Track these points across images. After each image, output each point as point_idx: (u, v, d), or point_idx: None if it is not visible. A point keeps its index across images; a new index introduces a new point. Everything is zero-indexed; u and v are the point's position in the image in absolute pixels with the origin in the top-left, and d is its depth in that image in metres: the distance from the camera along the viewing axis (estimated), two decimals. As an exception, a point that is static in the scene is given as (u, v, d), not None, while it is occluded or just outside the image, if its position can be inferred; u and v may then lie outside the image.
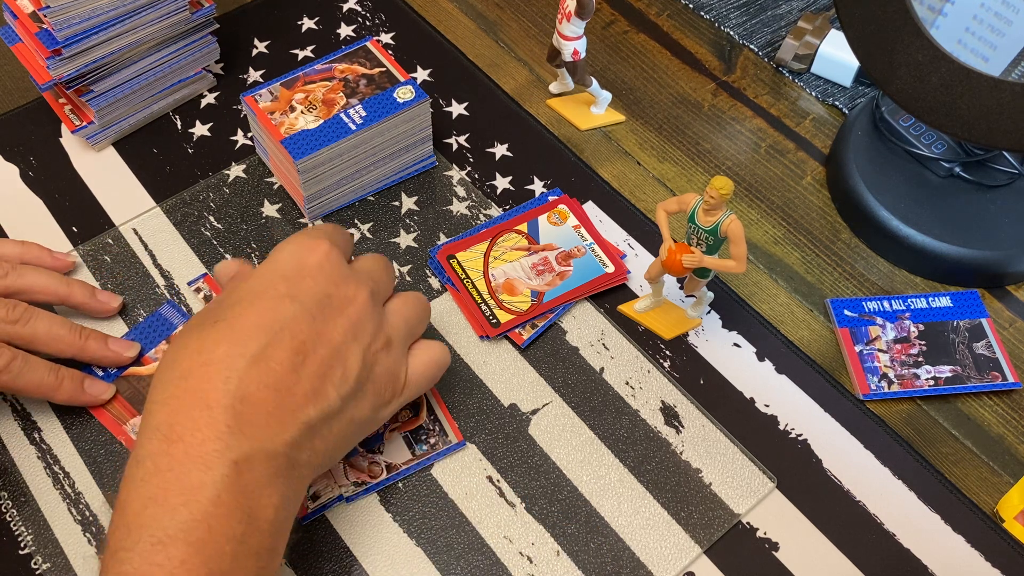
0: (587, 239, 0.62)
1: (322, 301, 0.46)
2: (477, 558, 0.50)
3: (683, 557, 0.50)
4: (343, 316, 0.46)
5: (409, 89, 0.63)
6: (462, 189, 0.66)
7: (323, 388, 0.44)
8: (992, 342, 0.59)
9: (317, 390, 0.44)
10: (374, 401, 0.47)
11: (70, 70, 0.62)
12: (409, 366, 0.50)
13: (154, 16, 0.63)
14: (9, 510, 0.52)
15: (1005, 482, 0.55)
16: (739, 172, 0.69)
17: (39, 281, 0.56)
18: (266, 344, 0.43)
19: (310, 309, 0.45)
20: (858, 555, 0.51)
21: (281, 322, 0.44)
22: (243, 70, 0.73)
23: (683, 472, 0.53)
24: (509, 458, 0.54)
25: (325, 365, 0.44)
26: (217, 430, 0.41)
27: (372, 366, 0.47)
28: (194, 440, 0.40)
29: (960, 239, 0.61)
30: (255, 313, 0.44)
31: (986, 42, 0.60)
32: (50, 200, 0.65)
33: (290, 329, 0.44)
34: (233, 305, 0.45)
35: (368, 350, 0.46)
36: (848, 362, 0.58)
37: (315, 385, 0.44)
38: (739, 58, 0.76)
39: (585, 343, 0.58)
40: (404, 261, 0.62)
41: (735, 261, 0.52)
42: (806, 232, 0.65)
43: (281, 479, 0.42)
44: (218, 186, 0.66)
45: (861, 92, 0.73)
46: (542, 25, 0.78)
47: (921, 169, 0.65)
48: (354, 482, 0.52)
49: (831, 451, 0.55)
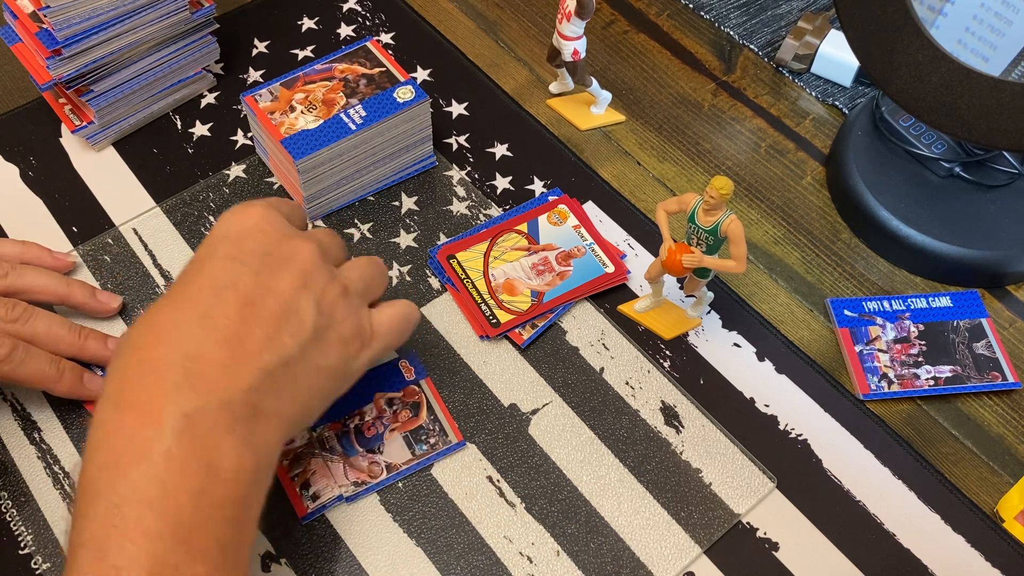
0: (587, 239, 0.62)
1: (264, 258, 0.45)
2: (477, 558, 0.50)
3: (683, 557, 0.51)
4: (289, 269, 0.46)
5: (409, 89, 0.63)
6: (462, 189, 0.66)
7: (278, 336, 0.44)
8: (992, 342, 0.59)
9: (271, 338, 0.44)
10: (341, 350, 0.47)
11: (70, 70, 0.62)
12: (374, 319, 0.49)
13: (154, 16, 0.63)
14: (9, 510, 0.52)
15: (1005, 482, 0.55)
16: (739, 172, 0.69)
17: (39, 281, 0.56)
18: (211, 304, 0.43)
19: (252, 266, 0.45)
20: (858, 555, 0.51)
21: (224, 281, 0.44)
22: (243, 70, 0.73)
23: (683, 472, 0.53)
24: (509, 458, 0.54)
25: (277, 315, 0.44)
26: (164, 389, 0.41)
27: (331, 314, 0.46)
28: (142, 402, 0.41)
29: (960, 239, 0.61)
30: (199, 277, 0.44)
31: (986, 42, 0.60)
32: (50, 200, 0.65)
33: (233, 286, 0.44)
34: (180, 277, 0.46)
35: (322, 298, 0.46)
36: (848, 362, 0.58)
37: (268, 333, 0.44)
38: (739, 58, 0.76)
39: (585, 343, 0.58)
40: (404, 261, 0.62)
41: (735, 261, 0.52)
42: (806, 232, 0.65)
43: (243, 427, 0.42)
44: (218, 186, 0.66)
45: (861, 92, 0.73)
46: (542, 25, 0.78)
47: (921, 169, 0.65)
48: (354, 482, 0.52)
49: (831, 451, 0.55)
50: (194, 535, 0.39)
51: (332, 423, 0.54)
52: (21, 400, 0.55)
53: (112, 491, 0.39)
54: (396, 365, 0.57)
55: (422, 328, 0.59)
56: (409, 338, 0.58)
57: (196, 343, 0.42)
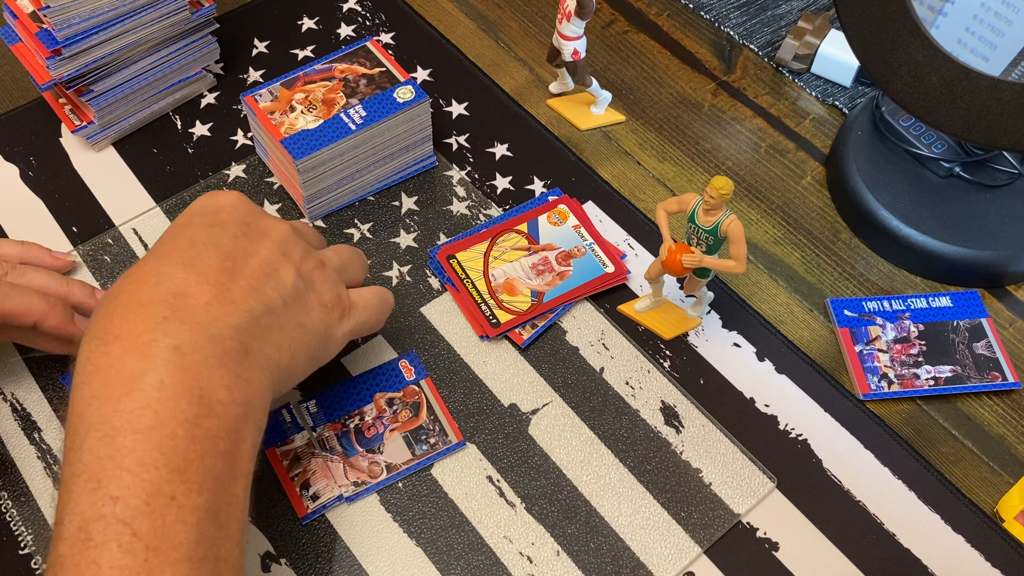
0: (587, 239, 0.62)
1: (242, 226, 0.46)
2: (477, 558, 0.50)
3: (683, 557, 0.50)
4: (266, 239, 0.47)
5: (409, 89, 0.63)
6: (462, 189, 0.66)
7: (261, 288, 0.44)
8: (992, 342, 0.59)
9: (255, 288, 0.44)
10: (322, 314, 0.47)
11: (70, 70, 0.62)
12: (352, 295, 0.50)
13: (154, 16, 0.63)
14: (9, 510, 0.52)
15: (1005, 482, 0.55)
16: (739, 172, 0.69)
17: (39, 280, 0.56)
18: (194, 255, 0.44)
19: (231, 230, 0.46)
20: (858, 555, 0.51)
21: (205, 240, 0.45)
22: (243, 70, 0.73)
23: (683, 472, 0.53)
24: (509, 458, 0.54)
25: (258, 272, 0.45)
26: (152, 321, 0.40)
27: (310, 280, 0.47)
28: (130, 335, 0.40)
29: (960, 239, 0.61)
30: (179, 239, 0.45)
31: (986, 42, 0.60)
32: (50, 200, 0.65)
33: (214, 243, 0.44)
34: (160, 240, 0.46)
35: (301, 266, 0.47)
36: (848, 362, 0.58)
37: (252, 284, 0.44)
38: (739, 58, 0.76)
39: (585, 343, 0.58)
40: (404, 261, 0.62)
41: (735, 261, 0.52)
42: (806, 232, 0.65)
43: (232, 361, 0.41)
44: (218, 186, 0.66)
45: (861, 92, 0.73)
46: (542, 25, 0.78)
47: (921, 169, 0.65)
48: (354, 482, 0.52)
49: (831, 451, 0.55)
50: (189, 465, 0.39)
51: (332, 423, 0.54)
52: (21, 400, 0.55)
53: (104, 422, 0.38)
54: (396, 365, 0.57)
55: (422, 328, 0.59)
56: (408, 338, 0.58)
57: (181, 283, 0.42)
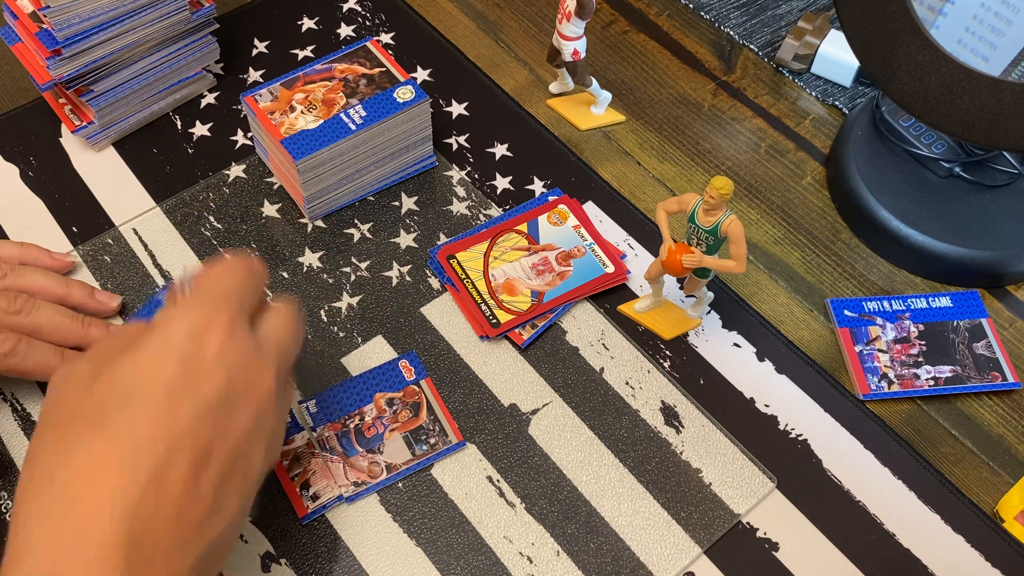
0: (587, 239, 0.62)
1: (224, 394, 0.40)
2: (477, 558, 0.50)
3: (683, 557, 0.50)
4: (248, 406, 0.41)
5: (409, 89, 0.62)
6: (462, 189, 0.66)
7: (224, 499, 0.40)
8: (992, 342, 0.59)
9: (220, 503, 0.40)
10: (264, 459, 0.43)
11: (70, 70, 0.62)
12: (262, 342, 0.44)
13: (154, 16, 0.63)
14: (9, 510, 0.51)
15: (1005, 482, 0.55)
16: (739, 172, 0.69)
17: (38, 281, 0.56)
18: (163, 459, 0.38)
19: (212, 407, 0.40)
20: (858, 555, 0.51)
21: (181, 429, 0.39)
22: (243, 70, 0.73)
23: (683, 472, 0.53)
24: (509, 458, 0.54)
25: (227, 466, 0.40)
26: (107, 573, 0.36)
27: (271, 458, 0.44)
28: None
29: (960, 239, 0.61)
30: (149, 420, 0.39)
31: (986, 42, 0.60)
32: (50, 200, 0.65)
33: (192, 435, 0.39)
34: (121, 406, 0.39)
35: (269, 445, 0.43)
36: (848, 362, 0.58)
37: (218, 497, 0.40)
38: (739, 58, 0.76)
39: (585, 343, 0.58)
40: (404, 261, 0.62)
41: (735, 261, 0.52)
42: (806, 232, 0.65)
43: None
44: (218, 186, 0.66)
45: (861, 92, 0.73)
46: (542, 25, 0.78)
47: (921, 169, 0.65)
48: (354, 482, 0.52)
49: (831, 451, 0.55)
50: None
51: (332, 423, 0.54)
52: (21, 400, 0.55)
53: None
54: (396, 365, 0.57)
55: (422, 328, 0.59)
56: (408, 338, 0.58)
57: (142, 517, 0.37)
